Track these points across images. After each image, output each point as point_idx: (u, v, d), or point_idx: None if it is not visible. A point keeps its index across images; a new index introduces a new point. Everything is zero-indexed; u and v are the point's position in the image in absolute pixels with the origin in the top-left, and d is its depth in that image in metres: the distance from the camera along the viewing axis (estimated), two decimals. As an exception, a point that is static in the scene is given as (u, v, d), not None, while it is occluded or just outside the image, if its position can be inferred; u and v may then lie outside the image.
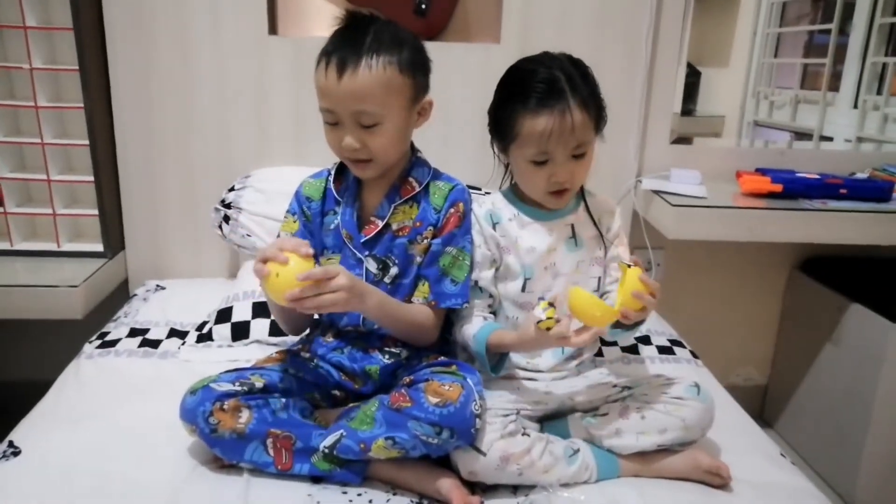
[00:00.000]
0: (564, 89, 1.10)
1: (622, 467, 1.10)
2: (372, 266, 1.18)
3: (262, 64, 1.73)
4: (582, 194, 1.25)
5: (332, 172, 1.23)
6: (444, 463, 1.06)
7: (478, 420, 1.01)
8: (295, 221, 1.23)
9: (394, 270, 1.18)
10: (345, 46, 1.07)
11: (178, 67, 1.72)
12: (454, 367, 1.11)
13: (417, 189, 1.19)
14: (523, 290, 1.20)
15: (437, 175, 1.23)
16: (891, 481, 1.78)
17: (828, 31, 2.23)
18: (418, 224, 1.18)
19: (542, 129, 1.09)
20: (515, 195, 1.24)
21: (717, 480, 1.07)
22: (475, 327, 1.17)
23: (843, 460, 1.82)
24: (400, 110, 1.11)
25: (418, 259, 1.18)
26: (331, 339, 1.22)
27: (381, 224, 1.18)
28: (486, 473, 1.03)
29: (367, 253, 1.18)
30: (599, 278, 1.24)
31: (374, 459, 1.03)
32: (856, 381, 1.79)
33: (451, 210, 1.19)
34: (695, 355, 1.53)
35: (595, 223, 1.24)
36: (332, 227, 1.20)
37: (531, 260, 1.20)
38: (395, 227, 1.18)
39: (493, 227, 1.21)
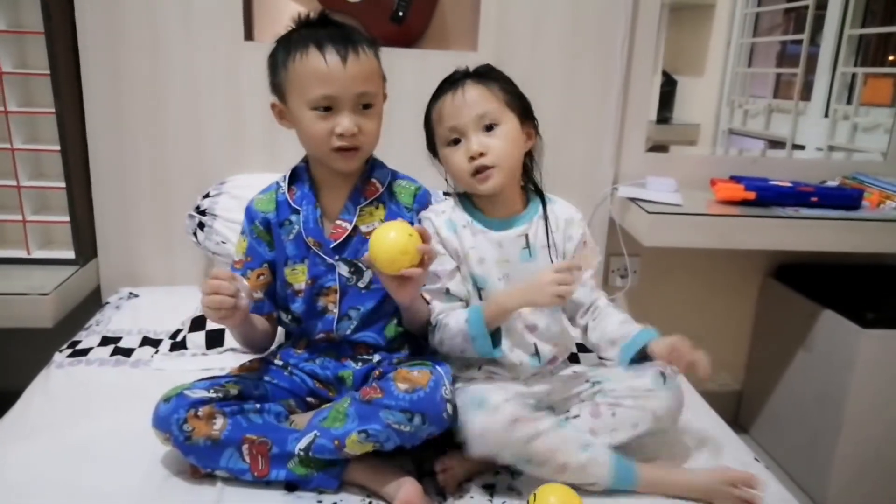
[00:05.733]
0: (460, 72, 1.20)
1: (640, 478, 1.06)
2: (343, 270, 1.18)
3: (238, 70, 1.72)
4: (543, 201, 1.24)
5: (284, 184, 1.21)
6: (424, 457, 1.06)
7: (449, 405, 1.01)
8: (244, 240, 1.21)
9: (368, 274, 1.17)
10: (333, 36, 1.09)
11: (151, 73, 1.70)
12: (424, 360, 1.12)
13: (381, 189, 1.20)
14: (480, 298, 1.20)
15: (395, 175, 1.24)
16: (861, 484, 1.81)
17: (799, 42, 2.27)
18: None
19: (441, 106, 1.17)
20: (469, 200, 1.23)
21: (748, 495, 1.04)
22: (464, 312, 1.15)
23: (816, 464, 1.85)
24: (381, 95, 1.17)
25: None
26: (302, 351, 1.22)
27: (349, 227, 1.17)
28: (495, 435, 1.00)
29: (337, 257, 1.17)
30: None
31: (350, 458, 1.02)
32: (828, 385, 1.81)
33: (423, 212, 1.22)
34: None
35: (548, 233, 1.22)
36: (292, 236, 1.18)
37: (482, 271, 1.19)
38: (364, 229, 1.18)
39: (454, 232, 1.20)
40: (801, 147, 2.27)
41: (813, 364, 1.89)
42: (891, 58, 2.27)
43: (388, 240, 1.02)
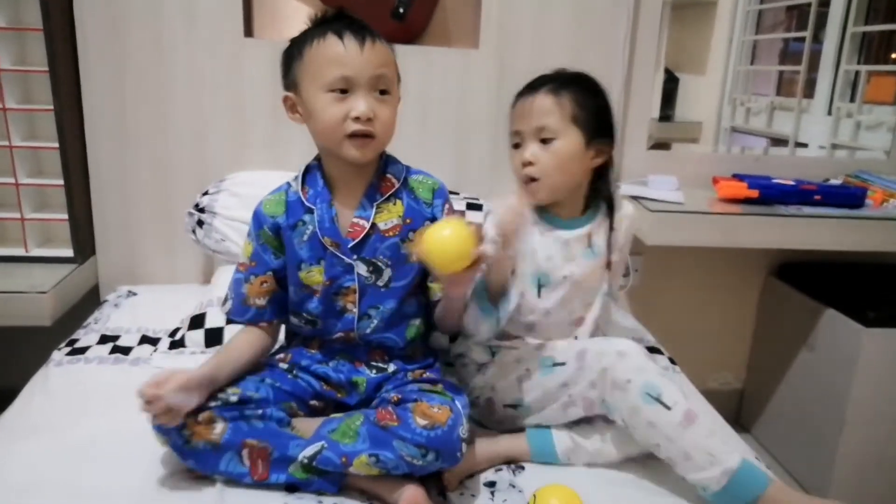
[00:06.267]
0: (546, 77, 1.20)
1: (772, 493, 0.99)
2: (362, 269, 1.14)
3: (238, 66, 1.71)
4: (610, 206, 1.25)
5: (296, 183, 1.18)
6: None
7: (463, 445, 1.00)
8: (250, 245, 1.19)
9: (388, 273, 1.15)
10: (351, 25, 1.09)
11: (151, 69, 1.69)
12: (440, 387, 1.11)
13: (397, 185, 1.17)
14: (539, 295, 1.21)
15: (410, 170, 1.22)
16: (864, 483, 1.80)
17: (802, 39, 2.26)
18: (408, 221, 1.16)
19: (515, 107, 1.21)
20: None
21: None
22: None
23: (818, 462, 1.84)
24: (397, 86, 1.15)
25: (414, 257, 1.14)
26: (315, 351, 1.19)
27: (367, 225, 1.14)
28: (638, 353, 1.07)
29: (355, 257, 1.14)
30: (608, 283, 1.27)
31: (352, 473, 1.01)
32: (829, 384, 1.81)
33: (447, 206, 1.20)
34: (673, 361, 1.53)
35: (609, 242, 1.24)
36: (306, 237, 1.15)
37: (548, 267, 1.20)
38: (382, 226, 1.15)
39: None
40: (804, 145, 2.26)
41: (815, 363, 1.88)
42: (894, 55, 2.26)
43: (443, 240, 1.00)
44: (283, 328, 1.37)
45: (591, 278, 1.23)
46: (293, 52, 1.12)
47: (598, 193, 1.25)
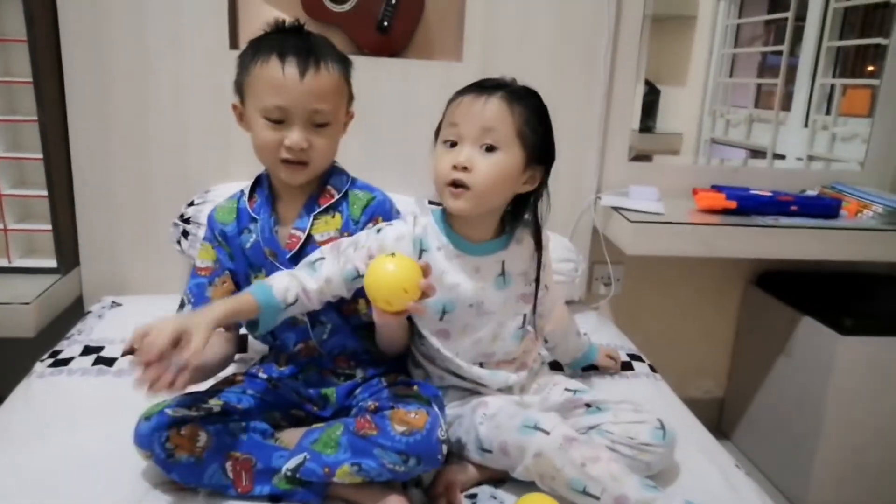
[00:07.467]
0: (499, 81, 1.09)
1: None
2: None
3: (223, 78, 1.70)
4: (539, 243, 1.18)
5: (246, 192, 1.20)
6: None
7: (444, 446, 1.01)
8: (212, 248, 1.20)
9: None
10: (298, 48, 1.08)
11: (136, 81, 1.70)
12: (416, 388, 1.11)
13: (336, 196, 1.18)
14: (441, 319, 1.14)
15: (354, 182, 1.21)
16: (841, 488, 1.83)
17: (780, 53, 2.30)
18: (346, 235, 1.16)
19: (459, 102, 1.08)
20: (446, 220, 1.15)
21: None
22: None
23: (796, 468, 1.87)
24: (341, 115, 1.15)
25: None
26: (284, 367, 1.20)
27: (303, 236, 1.15)
28: (551, 453, 0.99)
29: (293, 268, 1.15)
30: (525, 315, 1.20)
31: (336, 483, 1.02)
32: (807, 391, 1.84)
33: (370, 224, 1.17)
34: (653, 369, 1.55)
35: (539, 273, 1.18)
36: (249, 245, 1.17)
37: (453, 296, 1.12)
38: (318, 238, 1.16)
39: (420, 255, 1.12)
40: (782, 157, 2.29)
41: (793, 370, 1.91)
42: (869, 69, 2.30)
43: (387, 274, 0.97)
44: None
45: (503, 311, 1.16)
46: (244, 62, 1.12)
47: (515, 219, 1.16)
